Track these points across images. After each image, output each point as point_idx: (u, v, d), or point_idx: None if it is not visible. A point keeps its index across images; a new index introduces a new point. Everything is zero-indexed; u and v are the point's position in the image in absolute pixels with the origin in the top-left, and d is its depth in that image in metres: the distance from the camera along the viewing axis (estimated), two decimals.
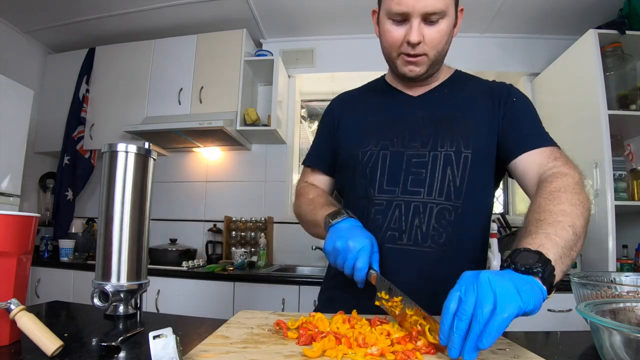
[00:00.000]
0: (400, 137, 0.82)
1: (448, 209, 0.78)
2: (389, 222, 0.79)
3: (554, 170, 0.71)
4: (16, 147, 2.08)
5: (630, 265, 1.92)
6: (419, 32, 0.74)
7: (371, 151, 0.83)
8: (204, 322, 0.72)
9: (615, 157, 1.80)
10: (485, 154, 0.80)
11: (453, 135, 0.79)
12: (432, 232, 0.77)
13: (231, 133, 2.22)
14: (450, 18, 0.76)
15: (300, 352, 0.50)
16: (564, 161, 0.73)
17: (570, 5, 2.15)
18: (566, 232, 0.57)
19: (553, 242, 0.55)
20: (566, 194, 0.64)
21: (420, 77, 0.82)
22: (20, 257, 0.57)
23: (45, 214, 2.68)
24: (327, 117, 0.97)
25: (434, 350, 0.51)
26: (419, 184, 0.79)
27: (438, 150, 0.79)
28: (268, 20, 2.44)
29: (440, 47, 0.78)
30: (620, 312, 0.55)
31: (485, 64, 2.48)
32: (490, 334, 0.43)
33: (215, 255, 2.40)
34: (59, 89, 2.66)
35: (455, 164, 0.78)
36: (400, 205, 0.79)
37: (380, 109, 0.89)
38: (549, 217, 0.60)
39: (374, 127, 0.86)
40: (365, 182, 0.82)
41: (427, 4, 0.71)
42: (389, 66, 0.87)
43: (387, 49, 0.81)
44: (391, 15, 0.75)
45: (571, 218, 0.60)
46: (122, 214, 0.74)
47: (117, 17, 2.42)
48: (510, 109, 0.81)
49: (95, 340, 0.59)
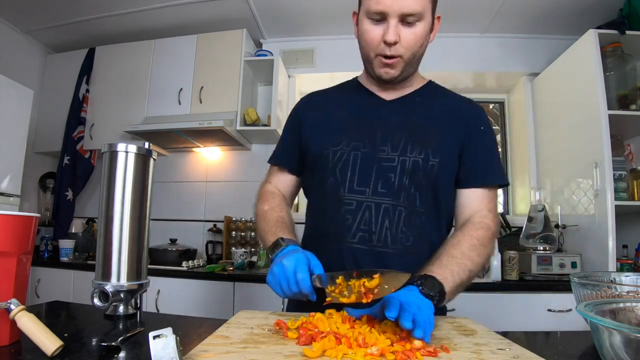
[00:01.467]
0: (372, 139, 0.83)
1: (415, 213, 0.81)
2: (359, 223, 0.80)
3: (483, 220, 0.83)
4: (16, 147, 2.08)
5: (630, 265, 1.92)
6: (396, 32, 0.76)
7: (342, 150, 0.83)
8: (204, 322, 0.73)
9: (615, 157, 1.80)
10: (450, 166, 0.84)
11: (423, 143, 0.82)
12: (400, 234, 0.79)
13: (231, 133, 2.22)
14: (427, 22, 0.79)
15: (300, 352, 0.50)
16: (493, 214, 0.85)
17: (570, 5, 2.15)
18: (465, 274, 0.73)
19: (453, 279, 0.70)
20: (482, 247, 0.78)
21: (395, 80, 0.84)
22: (20, 257, 0.57)
23: (45, 214, 2.68)
24: (293, 117, 0.98)
25: (434, 351, 0.51)
26: (388, 187, 0.80)
27: (407, 156, 0.81)
28: (268, 20, 2.44)
29: (415, 50, 0.80)
30: (620, 312, 0.55)
31: (485, 64, 2.48)
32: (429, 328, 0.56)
33: (215, 255, 2.40)
34: (59, 89, 2.66)
35: (423, 170, 0.80)
36: (371, 206, 0.80)
37: (352, 108, 0.90)
38: (460, 258, 0.74)
39: (346, 126, 0.86)
40: (336, 182, 0.83)
41: (404, 5, 0.74)
42: (365, 68, 0.89)
43: (365, 49, 0.83)
44: (370, 15, 0.78)
45: (473, 266, 0.75)
46: (122, 214, 0.74)
47: (117, 17, 2.42)
48: (475, 137, 0.86)
49: (95, 340, 0.59)
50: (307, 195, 0.96)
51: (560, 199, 2.14)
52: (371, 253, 0.79)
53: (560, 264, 1.83)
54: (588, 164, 1.86)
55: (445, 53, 2.46)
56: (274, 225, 0.85)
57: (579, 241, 1.95)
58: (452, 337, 0.59)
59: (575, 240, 1.98)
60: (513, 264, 1.84)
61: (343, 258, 0.80)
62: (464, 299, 1.73)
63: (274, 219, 0.87)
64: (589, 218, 1.88)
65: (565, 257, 1.85)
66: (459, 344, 0.55)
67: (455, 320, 0.71)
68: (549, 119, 2.30)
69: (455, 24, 2.40)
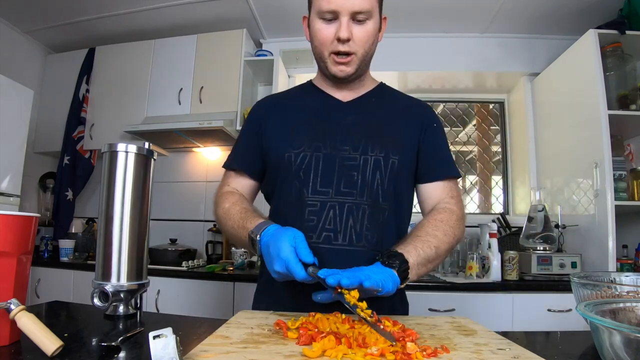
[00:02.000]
0: (332, 140, 0.85)
1: (378, 210, 0.83)
2: (323, 223, 0.81)
3: (446, 205, 0.87)
4: (16, 147, 2.08)
5: (630, 265, 1.92)
6: (348, 29, 0.79)
7: (304, 153, 0.84)
8: (204, 322, 0.73)
9: (615, 157, 1.80)
10: (409, 162, 0.88)
11: (382, 141, 0.85)
12: (365, 232, 0.81)
13: (231, 133, 2.22)
14: (376, 21, 0.83)
15: (300, 352, 0.50)
16: (456, 200, 0.89)
17: (570, 5, 2.15)
18: (430, 249, 0.76)
19: (417, 252, 0.74)
20: (446, 225, 0.82)
21: (350, 78, 0.86)
22: (20, 257, 0.57)
23: (45, 214, 2.68)
24: (252, 121, 0.95)
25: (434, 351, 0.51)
26: (351, 185, 0.82)
27: (369, 155, 0.84)
28: (268, 20, 2.44)
29: (368, 47, 0.84)
30: (620, 312, 0.55)
31: (485, 64, 2.47)
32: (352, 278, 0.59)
33: (215, 255, 2.40)
34: (59, 89, 2.66)
35: (384, 168, 0.83)
36: (335, 206, 0.81)
37: (310, 111, 0.91)
38: (423, 236, 0.78)
39: (306, 129, 0.87)
40: (299, 184, 0.83)
41: (355, 3, 0.78)
42: (319, 67, 0.90)
43: (319, 48, 0.85)
44: (322, 15, 0.81)
45: (438, 242, 0.78)
46: (122, 214, 0.74)
47: (117, 17, 2.42)
48: (430, 133, 0.90)
49: (95, 340, 0.59)
50: (269, 200, 0.95)
51: (560, 199, 2.14)
52: (336, 252, 0.80)
53: (560, 264, 1.83)
54: (588, 164, 1.86)
55: (445, 53, 2.46)
56: (240, 218, 0.81)
57: (579, 241, 1.95)
58: (452, 337, 0.59)
59: (575, 240, 1.98)
60: (513, 264, 1.84)
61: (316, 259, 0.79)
62: (464, 298, 1.75)
63: (237, 213, 0.83)
64: (589, 218, 1.88)
65: (565, 257, 1.85)
66: (459, 344, 0.55)
67: (455, 320, 0.71)
68: (549, 119, 2.30)
69: (455, 24, 2.40)
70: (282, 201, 0.87)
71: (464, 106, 2.79)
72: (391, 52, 2.46)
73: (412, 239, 0.77)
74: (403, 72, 2.53)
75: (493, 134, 2.76)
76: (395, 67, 2.49)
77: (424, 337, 0.59)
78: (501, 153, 2.71)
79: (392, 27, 2.44)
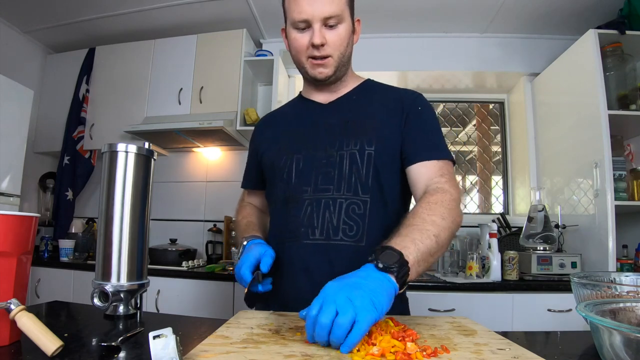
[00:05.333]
0: (312, 142, 0.89)
1: (357, 203, 0.84)
2: (302, 219, 0.85)
3: (438, 185, 0.80)
4: (16, 147, 2.08)
5: (630, 265, 1.92)
6: (321, 34, 0.83)
7: (286, 157, 0.90)
8: (204, 322, 0.73)
9: (615, 157, 1.80)
10: (389, 152, 0.86)
11: (358, 135, 0.86)
12: (342, 225, 0.82)
13: (231, 133, 2.22)
14: (347, 24, 0.86)
15: (300, 352, 0.50)
16: (448, 178, 0.82)
17: (570, 5, 2.15)
18: (430, 240, 0.67)
19: (416, 247, 0.64)
20: (441, 207, 0.73)
21: (329, 79, 0.89)
22: (20, 257, 0.57)
23: (45, 214, 2.68)
24: (252, 140, 1.07)
25: (434, 351, 0.51)
26: (328, 181, 0.85)
27: (344, 150, 0.86)
28: (268, 20, 2.44)
29: (343, 49, 0.87)
30: (620, 312, 0.55)
31: (485, 64, 2.47)
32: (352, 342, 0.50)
33: (215, 255, 2.40)
34: (59, 89, 2.66)
35: (360, 161, 0.85)
36: (312, 202, 0.85)
37: (294, 120, 0.98)
38: (420, 224, 0.69)
39: (289, 137, 0.94)
40: (283, 186, 0.90)
41: (324, 10, 0.82)
42: (301, 74, 0.94)
43: (297, 56, 0.89)
44: (295, 25, 0.85)
45: (438, 229, 0.69)
46: (122, 214, 0.74)
47: (117, 17, 2.42)
48: (413, 117, 0.88)
49: (95, 340, 0.59)
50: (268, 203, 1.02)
51: (560, 199, 2.14)
52: (317, 247, 0.83)
53: (560, 264, 1.83)
54: (588, 164, 1.86)
55: (445, 53, 2.46)
56: (243, 231, 0.98)
57: (579, 241, 1.95)
58: (452, 337, 0.59)
59: (575, 240, 1.98)
60: (513, 264, 1.84)
61: (296, 255, 0.84)
62: (464, 298, 1.75)
63: (243, 225, 1.01)
64: (589, 218, 1.88)
65: (565, 257, 1.85)
66: (459, 344, 0.55)
67: (455, 320, 0.71)
68: (549, 119, 2.30)
69: (455, 24, 2.40)
70: (273, 203, 0.95)
71: (464, 106, 2.80)
72: (391, 52, 2.47)
73: (407, 229, 0.68)
74: (403, 72, 2.53)
75: (493, 134, 2.76)
76: (395, 67, 2.49)
77: (424, 337, 0.59)
78: (501, 153, 2.71)
79: (392, 27, 2.45)
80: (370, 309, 0.51)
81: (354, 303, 0.51)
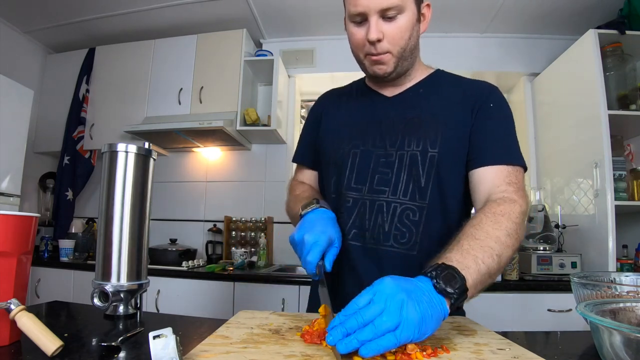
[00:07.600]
0: (372, 138, 0.83)
1: (412, 209, 0.78)
2: (353, 220, 0.81)
3: (505, 194, 0.72)
4: (16, 147, 2.08)
5: (630, 265, 1.92)
6: (377, 29, 0.74)
7: (342, 150, 0.85)
8: (204, 322, 0.73)
9: (615, 157, 1.80)
10: (455, 154, 0.78)
11: (420, 134, 0.79)
12: (394, 231, 0.78)
13: (231, 133, 2.22)
14: (410, 13, 0.76)
15: (300, 352, 0.50)
16: (516, 188, 0.74)
17: (570, 5, 2.15)
18: (492, 260, 0.60)
19: (477, 267, 0.57)
20: (508, 221, 0.66)
21: (390, 75, 0.81)
22: (20, 257, 0.57)
23: (45, 214, 2.68)
24: (313, 114, 0.99)
25: (434, 351, 0.51)
26: (384, 183, 0.80)
27: (405, 150, 0.79)
28: (268, 20, 2.44)
29: (403, 43, 0.77)
30: (620, 312, 0.55)
31: (485, 64, 2.47)
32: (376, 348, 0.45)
33: (215, 255, 2.40)
34: (59, 89, 2.66)
35: (421, 163, 0.78)
36: (366, 203, 0.80)
37: (356, 111, 0.90)
38: (483, 239, 0.62)
39: (349, 129, 0.87)
40: (337, 180, 0.85)
41: (381, 1, 0.73)
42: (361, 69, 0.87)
43: (354, 51, 0.83)
44: (352, 18, 0.77)
45: (501, 248, 0.62)
46: (122, 214, 0.74)
47: (117, 17, 2.42)
48: (484, 114, 0.79)
49: (95, 340, 0.59)
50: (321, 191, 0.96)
51: (560, 199, 2.14)
52: (364, 250, 0.79)
53: (560, 264, 1.83)
54: (588, 164, 1.86)
55: (445, 53, 2.46)
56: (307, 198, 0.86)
57: (579, 241, 1.95)
58: (452, 337, 0.59)
59: (575, 240, 1.98)
60: (513, 264, 1.84)
61: (344, 252, 0.79)
62: None
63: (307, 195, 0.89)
64: (589, 218, 1.88)
65: (565, 257, 1.85)
66: (459, 344, 0.55)
67: (455, 320, 0.71)
68: (549, 119, 2.30)
69: (455, 24, 2.40)
70: (326, 195, 0.90)
71: None
72: None
73: (469, 242, 0.61)
74: None
75: None
76: None
77: None
78: None
79: None
80: (414, 329, 0.47)
81: (403, 313, 0.47)
